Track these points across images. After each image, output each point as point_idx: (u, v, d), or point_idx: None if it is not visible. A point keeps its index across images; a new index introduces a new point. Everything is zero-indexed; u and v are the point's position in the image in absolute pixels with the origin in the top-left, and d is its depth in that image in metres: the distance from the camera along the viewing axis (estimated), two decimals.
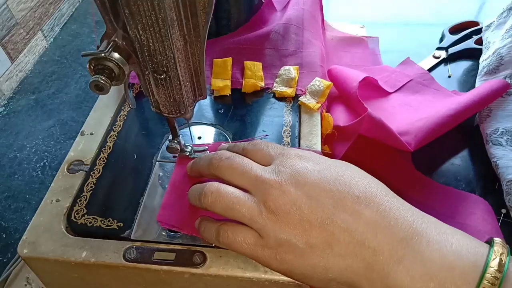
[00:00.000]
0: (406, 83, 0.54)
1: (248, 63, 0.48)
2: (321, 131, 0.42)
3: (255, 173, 0.29)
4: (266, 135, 0.41)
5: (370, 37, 0.64)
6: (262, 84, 0.46)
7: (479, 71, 0.55)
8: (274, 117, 0.43)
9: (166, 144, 0.37)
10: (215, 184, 0.30)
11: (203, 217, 0.32)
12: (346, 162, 0.29)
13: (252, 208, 0.27)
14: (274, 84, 0.46)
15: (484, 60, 0.54)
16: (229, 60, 0.48)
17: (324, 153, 0.39)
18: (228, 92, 0.46)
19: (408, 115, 0.50)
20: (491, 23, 0.59)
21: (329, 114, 0.46)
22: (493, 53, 0.52)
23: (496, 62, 0.51)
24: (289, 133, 0.41)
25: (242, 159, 0.30)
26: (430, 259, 0.23)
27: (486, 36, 0.59)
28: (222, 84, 0.46)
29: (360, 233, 0.25)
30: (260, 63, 0.48)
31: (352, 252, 0.25)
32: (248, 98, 0.46)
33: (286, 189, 0.27)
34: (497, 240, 0.24)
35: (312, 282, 0.27)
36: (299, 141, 0.40)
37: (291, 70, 0.46)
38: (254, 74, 0.47)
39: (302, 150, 0.30)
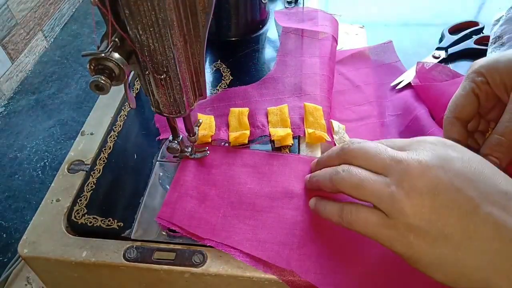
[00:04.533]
0: None
1: (309, 106, 0.42)
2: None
3: (390, 154, 0.27)
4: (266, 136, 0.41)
5: (383, 44, 0.62)
6: (328, 138, 0.39)
7: None
8: None
9: (166, 144, 0.37)
10: (347, 165, 0.29)
11: (318, 197, 0.32)
12: (485, 159, 0.27)
13: (382, 188, 0.26)
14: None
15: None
16: (285, 107, 0.42)
17: None
18: (291, 141, 0.39)
19: None
20: (500, 18, 0.59)
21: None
22: None
23: None
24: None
25: (375, 143, 0.29)
26: None
27: (495, 30, 0.58)
28: (283, 133, 0.39)
29: (509, 230, 0.23)
30: (321, 108, 0.42)
31: (494, 248, 0.23)
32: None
33: (427, 170, 0.25)
34: None
35: (438, 276, 0.25)
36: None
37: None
38: (317, 122, 0.40)
39: (442, 138, 0.28)
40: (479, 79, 0.35)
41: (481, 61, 0.36)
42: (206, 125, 0.41)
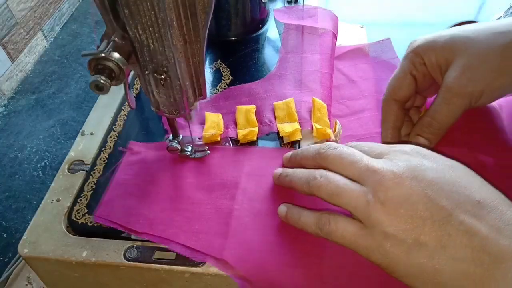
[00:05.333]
0: None
1: (317, 102, 0.41)
2: None
3: (365, 163, 0.27)
4: (266, 135, 0.41)
5: (381, 41, 0.63)
6: (333, 137, 0.39)
7: None
8: None
9: (166, 144, 0.37)
10: (324, 170, 0.29)
11: (290, 205, 0.32)
12: (464, 165, 0.28)
13: (359, 197, 0.26)
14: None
15: None
16: (291, 101, 0.42)
17: None
18: (299, 136, 0.39)
19: None
20: (499, 18, 0.59)
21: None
22: None
23: None
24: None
25: (352, 150, 0.29)
26: None
27: None
28: (291, 128, 0.39)
29: (481, 238, 0.23)
30: (326, 106, 0.42)
31: (467, 256, 0.23)
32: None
33: (401, 182, 0.25)
34: None
35: (416, 284, 0.25)
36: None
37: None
38: (323, 120, 0.40)
39: (418, 147, 0.29)
40: (416, 59, 0.36)
41: (419, 40, 0.37)
42: (215, 123, 0.41)
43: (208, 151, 0.38)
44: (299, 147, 0.39)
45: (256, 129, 0.40)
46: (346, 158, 0.28)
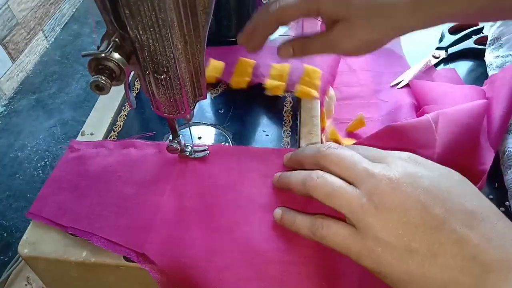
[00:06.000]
0: None
1: (308, 68, 0.47)
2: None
3: (364, 166, 0.27)
4: (266, 135, 0.42)
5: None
6: (316, 94, 0.44)
7: (496, 64, 0.54)
8: (274, 117, 0.43)
9: (167, 144, 0.37)
10: (321, 171, 0.29)
11: (285, 208, 0.32)
12: (459, 174, 0.28)
13: (354, 199, 0.26)
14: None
15: (502, 57, 0.54)
16: (287, 66, 0.47)
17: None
18: (281, 92, 0.45)
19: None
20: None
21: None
22: None
23: None
24: (289, 133, 0.41)
25: (352, 152, 0.29)
26: None
27: (492, 31, 0.59)
28: (276, 83, 0.45)
29: (472, 247, 0.24)
30: (320, 71, 0.47)
31: (458, 265, 0.24)
32: (248, 98, 0.46)
33: (397, 187, 0.26)
34: None
35: None
36: (299, 141, 0.40)
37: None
38: (311, 82, 0.45)
39: (414, 154, 0.29)
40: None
41: None
42: (215, 68, 0.46)
43: (208, 151, 0.38)
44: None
45: (248, 78, 0.46)
46: (346, 159, 0.29)
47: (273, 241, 0.31)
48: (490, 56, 0.56)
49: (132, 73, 0.44)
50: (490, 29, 0.60)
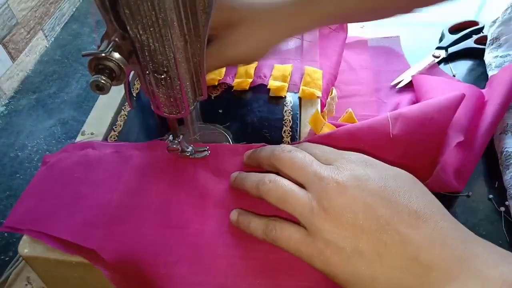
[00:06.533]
0: None
1: (309, 69, 0.47)
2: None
3: (314, 169, 0.28)
4: (267, 135, 0.42)
5: (390, 37, 0.64)
6: (320, 94, 0.45)
7: (495, 64, 0.54)
8: (274, 117, 0.43)
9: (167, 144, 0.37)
10: (273, 175, 0.30)
11: (242, 210, 0.32)
12: (408, 173, 0.29)
13: (305, 203, 0.27)
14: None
15: (501, 57, 0.54)
16: (289, 66, 0.48)
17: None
18: (284, 93, 0.45)
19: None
20: (496, 19, 0.59)
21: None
22: None
23: None
24: (289, 133, 0.41)
25: (304, 154, 0.30)
26: (488, 278, 0.23)
27: (492, 31, 0.59)
28: (279, 84, 0.46)
29: (415, 247, 0.24)
30: (321, 71, 0.48)
31: (402, 265, 0.24)
32: (248, 98, 0.46)
33: (344, 191, 0.27)
34: None
35: None
36: (299, 140, 0.40)
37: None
38: (314, 82, 0.46)
39: (364, 155, 0.30)
40: None
41: None
42: (217, 70, 0.47)
43: (208, 151, 0.38)
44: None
45: (250, 80, 0.46)
46: (297, 163, 0.29)
47: (222, 237, 0.32)
48: (489, 56, 0.56)
49: (132, 73, 0.44)
50: (489, 29, 0.60)
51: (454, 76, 0.58)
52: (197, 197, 0.35)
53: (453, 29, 0.64)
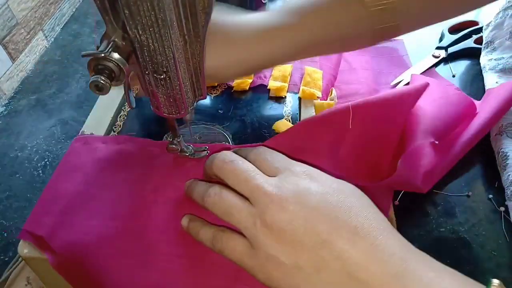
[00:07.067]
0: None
1: (309, 69, 0.48)
2: None
3: (257, 183, 0.28)
4: (266, 135, 0.42)
5: (394, 40, 0.64)
6: (320, 95, 0.45)
7: (489, 66, 0.54)
8: (274, 117, 0.43)
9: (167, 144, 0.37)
10: (218, 187, 0.30)
11: (193, 217, 0.32)
12: (353, 187, 0.29)
13: (248, 218, 0.27)
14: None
15: (495, 60, 0.54)
16: (289, 66, 0.49)
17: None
18: (284, 93, 0.46)
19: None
20: (489, 23, 0.59)
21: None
22: None
23: None
24: None
25: (247, 165, 0.30)
26: None
27: (486, 35, 0.59)
28: (279, 85, 0.46)
29: (352, 264, 0.25)
30: (321, 72, 0.48)
31: (340, 282, 0.25)
32: (248, 98, 0.46)
33: (285, 206, 0.27)
34: (494, 281, 0.24)
35: None
36: None
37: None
38: (314, 83, 0.46)
39: (310, 168, 0.30)
40: None
41: None
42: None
43: (208, 152, 0.38)
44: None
45: (249, 80, 0.47)
46: (240, 175, 0.29)
47: (165, 234, 0.32)
48: (484, 59, 0.57)
49: (132, 73, 0.44)
50: (484, 32, 0.60)
51: (453, 76, 0.58)
52: (151, 192, 0.35)
53: (453, 29, 0.64)
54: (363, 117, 0.38)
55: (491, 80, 0.53)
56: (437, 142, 0.40)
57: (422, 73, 0.57)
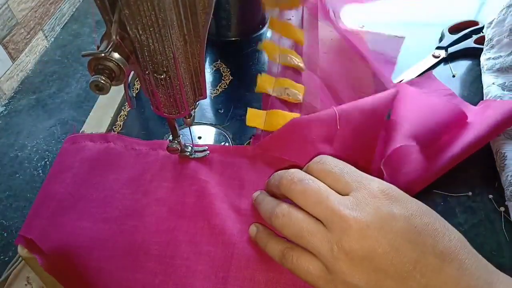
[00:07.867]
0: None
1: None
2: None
3: (331, 205, 0.26)
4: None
5: (396, 36, 0.64)
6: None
7: (486, 66, 0.54)
8: None
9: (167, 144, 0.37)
10: (287, 206, 0.28)
11: (261, 226, 0.31)
12: (430, 210, 0.27)
13: (323, 243, 0.26)
14: None
15: (493, 59, 0.54)
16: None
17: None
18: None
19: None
20: (492, 21, 0.59)
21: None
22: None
23: None
24: None
25: (318, 184, 0.28)
26: None
27: (488, 33, 0.59)
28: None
29: None
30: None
31: None
32: (247, 98, 0.46)
33: (368, 233, 0.25)
34: None
35: None
36: None
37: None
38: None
39: (385, 184, 0.28)
40: None
41: None
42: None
43: (208, 152, 0.38)
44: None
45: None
46: (311, 197, 0.27)
47: (158, 236, 0.32)
48: (483, 58, 0.57)
49: (132, 73, 0.44)
50: (486, 30, 0.60)
51: (453, 76, 0.58)
52: (141, 194, 0.35)
53: (453, 29, 0.64)
54: (346, 121, 0.38)
55: (488, 81, 0.53)
56: (415, 145, 0.40)
57: (421, 73, 0.57)
